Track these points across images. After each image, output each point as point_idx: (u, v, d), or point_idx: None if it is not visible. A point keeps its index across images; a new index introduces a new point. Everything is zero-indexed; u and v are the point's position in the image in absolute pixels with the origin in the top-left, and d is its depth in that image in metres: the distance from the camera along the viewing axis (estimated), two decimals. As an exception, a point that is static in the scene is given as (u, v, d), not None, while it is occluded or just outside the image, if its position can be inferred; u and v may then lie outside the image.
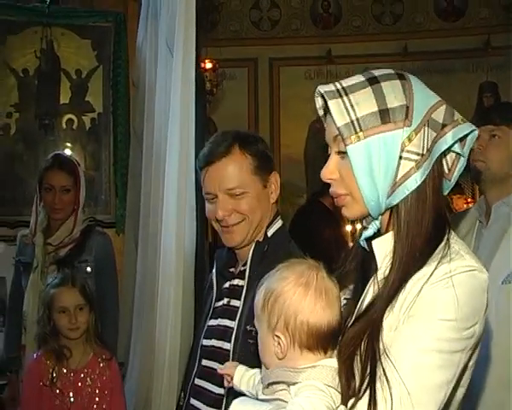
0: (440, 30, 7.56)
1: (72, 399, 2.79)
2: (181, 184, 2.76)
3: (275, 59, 7.69)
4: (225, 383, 1.66)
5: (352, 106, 1.41)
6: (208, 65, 5.55)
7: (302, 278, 1.45)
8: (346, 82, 1.46)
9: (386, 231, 1.47)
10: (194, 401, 2.14)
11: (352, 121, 1.40)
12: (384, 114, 1.40)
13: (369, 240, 1.50)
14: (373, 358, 1.35)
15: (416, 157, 1.39)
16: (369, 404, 1.30)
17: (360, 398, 1.33)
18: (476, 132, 1.44)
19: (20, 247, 3.52)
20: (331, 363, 1.41)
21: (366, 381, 1.34)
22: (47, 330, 2.86)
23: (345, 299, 1.56)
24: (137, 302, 3.64)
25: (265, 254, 2.07)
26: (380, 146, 1.39)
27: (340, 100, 1.42)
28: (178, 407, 2.77)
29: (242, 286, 2.07)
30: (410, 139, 1.39)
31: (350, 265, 1.59)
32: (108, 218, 4.64)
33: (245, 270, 2.08)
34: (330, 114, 1.43)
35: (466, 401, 1.50)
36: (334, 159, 1.48)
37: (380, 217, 1.48)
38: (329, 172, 1.49)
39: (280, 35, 7.77)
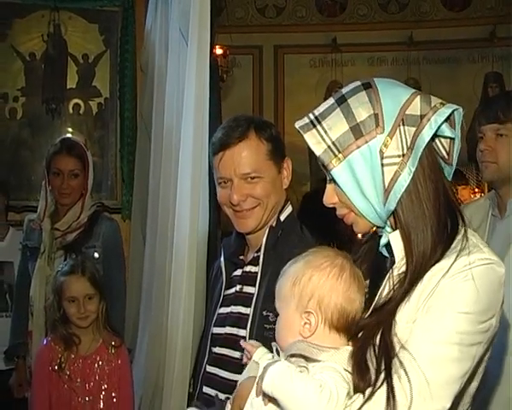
0: (446, 19, 7.52)
1: (79, 384, 2.81)
2: (195, 172, 2.74)
3: (280, 46, 7.66)
4: (244, 359, 1.65)
5: (325, 132, 1.45)
6: (219, 51, 5.52)
7: (337, 260, 1.48)
8: (319, 109, 1.49)
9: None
10: (206, 389, 2.13)
11: (328, 146, 1.44)
12: (355, 130, 1.43)
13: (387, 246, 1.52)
14: (385, 350, 1.35)
15: (398, 160, 1.41)
16: (388, 395, 1.31)
17: (378, 388, 1.32)
18: (460, 110, 1.44)
19: (27, 232, 3.50)
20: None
21: (382, 372, 1.34)
22: (57, 317, 2.86)
23: None
24: (145, 289, 3.63)
25: (279, 239, 2.07)
26: (360, 161, 1.42)
27: (314, 131, 1.46)
28: (189, 394, 2.79)
29: (256, 272, 2.06)
30: (385, 145, 1.41)
31: (363, 261, 1.60)
32: (114, 204, 4.65)
33: (258, 256, 2.07)
34: None
35: (479, 393, 1.50)
36: (328, 185, 1.52)
37: (388, 222, 1.49)
38: (329, 198, 1.53)
39: (285, 22, 7.73)
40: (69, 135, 3.87)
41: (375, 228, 1.54)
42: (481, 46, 7.38)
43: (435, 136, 1.44)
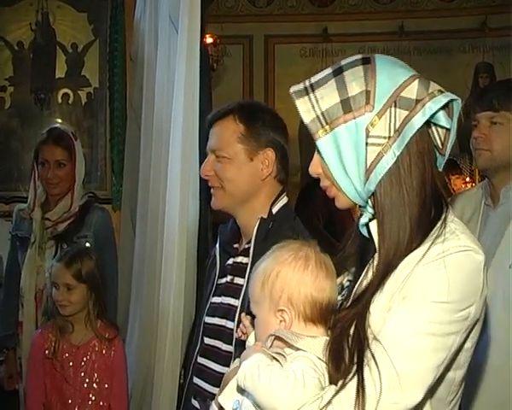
0: (437, 10, 7.51)
1: (72, 373, 2.81)
2: (185, 161, 2.73)
3: (270, 36, 7.63)
4: (238, 333, 1.65)
5: (317, 101, 1.43)
6: (209, 40, 5.50)
7: (301, 252, 1.47)
8: (316, 77, 1.47)
9: None
10: (197, 380, 2.14)
11: (317, 116, 1.42)
12: (345, 104, 1.41)
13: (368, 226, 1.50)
14: (358, 342, 1.35)
15: (383, 141, 1.39)
16: (358, 386, 1.30)
17: (350, 380, 1.32)
18: (459, 101, 1.41)
19: (17, 221, 3.47)
20: None
21: (355, 363, 1.34)
22: (53, 303, 2.87)
23: (348, 281, 1.57)
24: (135, 279, 3.61)
25: (270, 231, 2.05)
26: (345, 136, 1.40)
27: (306, 98, 1.44)
28: (179, 385, 2.78)
29: (246, 264, 2.05)
30: (372, 124, 1.39)
31: (350, 248, 1.60)
32: (104, 194, 4.60)
33: (249, 247, 2.06)
34: None
35: (469, 384, 1.49)
36: (316, 155, 1.50)
37: (369, 203, 1.47)
38: (313, 168, 1.52)
39: (276, 12, 7.70)
40: (57, 125, 3.81)
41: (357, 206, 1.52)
42: (472, 36, 7.38)
43: (431, 123, 1.41)
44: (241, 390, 1.44)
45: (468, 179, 4.91)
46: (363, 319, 1.36)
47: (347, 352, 1.36)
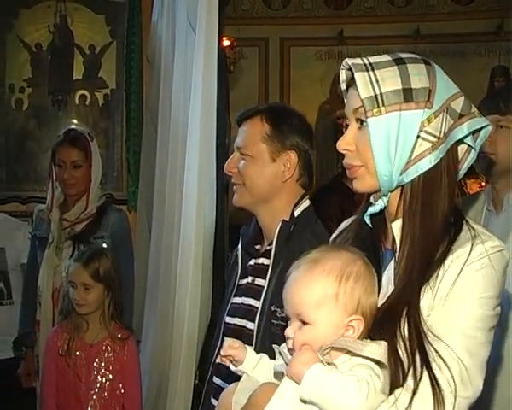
0: (453, 13, 7.48)
1: (84, 372, 2.83)
2: (202, 162, 2.74)
3: (286, 39, 7.62)
4: (225, 361, 1.53)
5: (377, 81, 1.43)
6: (226, 42, 5.50)
7: (366, 259, 1.44)
8: (373, 59, 1.48)
9: (397, 214, 1.49)
10: (217, 380, 2.14)
11: (375, 95, 1.42)
12: (407, 93, 1.42)
13: (373, 217, 1.53)
14: (419, 340, 1.36)
15: (433, 139, 1.42)
16: (433, 386, 1.32)
17: (419, 380, 1.33)
18: (490, 128, 1.47)
19: (37, 222, 3.50)
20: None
21: (418, 363, 1.35)
22: (69, 301, 2.90)
23: None
24: (151, 280, 3.63)
25: (292, 233, 2.05)
26: (399, 123, 1.42)
27: (366, 74, 1.44)
28: (195, 385, 2.79)
29: (268, 265, 2.06)
30: (429, 121, 1.42)
31: (346, 238, 1.61)
32: (120, 195, 4.65)
33: (271, 249, 2.07)
34: (355, 86, 1.45)
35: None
36: (352, 130, 1.50)
37: (389, 194, 1.49)
38: (346, 142, 1.50)
39: (291, 14, 7.70)
40: (73, 126, 3.84)
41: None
42: (488, 40, 7.34)
43: (462, 138, 1.46)
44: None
45: (483, 183, 4.86)
46: (418, 313, 1.38)
47: (404, 352, 1.37)
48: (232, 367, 1.53)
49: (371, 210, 1.51)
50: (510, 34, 6.95)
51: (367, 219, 1.53)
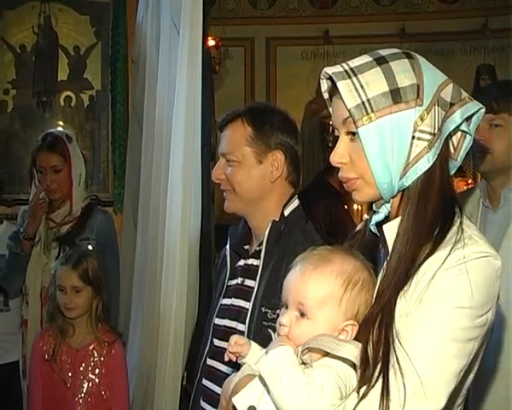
0: (438, 12, 7.52)
1: (70, 376, 2.80)
2: (187, 163, 2.73)
3: (271, 38, 7.63)
4: (230, 358, 1.54)
5: (361, 86, 1.37)
6: (211, 42, 5.49)
7: (371, 271, 1.44)
8: (353, 62, 1.42)
9: (396, 216, 1.43)
10: (206, 382, 2.12)
11: (362, 102, 1.36)
12: (395, 94, 1.36)
13: (379, 224, 1.47)
14: (386, 345, 1.31)
15: (429, 137, 1.36)
16: (382, 393, 1.27)
17: (373, 386, 1.29)
18: (483, 110, 1.41)
19: (22, 222, 3.48)
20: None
21: (378, 369, 1.30)
22: (55, 305, 2.87)
23: None
24: (137, 282, 3.61)
25: (282, 233, 2.03)
26: (392, 127, 1.36)
27: (349, 81, 1.38)
28: (182, 387, 2.78)
29: (258, 266, 2.04)
30: (422, 119, 1.36)
31: (355, 240, 1.57)
32: (106, 196, 4.61)
33: (260, 250, 2.04)
34: (339, 96, 1.39)
35: (476, 387, 1.48)
36: (343, 142, 1.44)
37: (391, 200, 1.44)
38: (339, 155, 1.44)
39: (277, 14, 7.71)
40: (51, 130, 3.80)
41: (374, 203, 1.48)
42: (473, 38, 7.38)
43: (455, 128, 1.41)
44: (258, 393, 1.39)
45: (470, 181, 4.89)
46: (391, 318, 1.33)
47: (371, 354, 1.32)
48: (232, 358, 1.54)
49: (376, 219, 1.46)
50: (495, 33, 7.00)
51: (373, 228, 1.49)
